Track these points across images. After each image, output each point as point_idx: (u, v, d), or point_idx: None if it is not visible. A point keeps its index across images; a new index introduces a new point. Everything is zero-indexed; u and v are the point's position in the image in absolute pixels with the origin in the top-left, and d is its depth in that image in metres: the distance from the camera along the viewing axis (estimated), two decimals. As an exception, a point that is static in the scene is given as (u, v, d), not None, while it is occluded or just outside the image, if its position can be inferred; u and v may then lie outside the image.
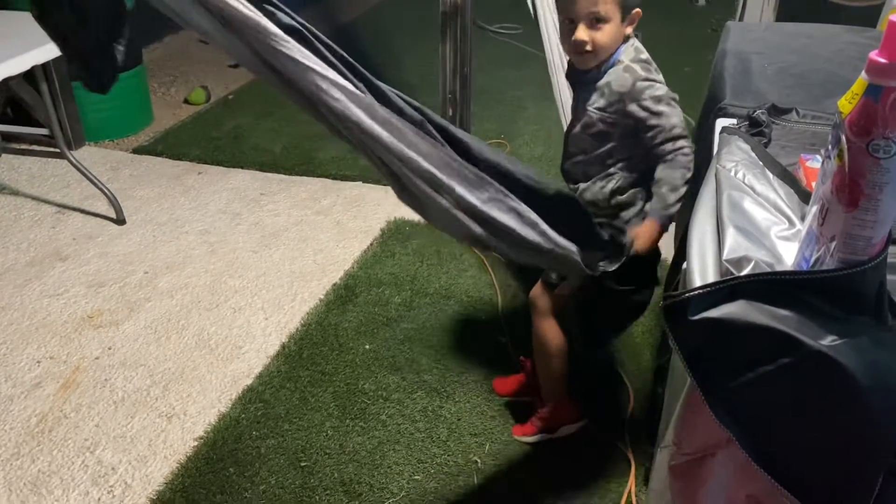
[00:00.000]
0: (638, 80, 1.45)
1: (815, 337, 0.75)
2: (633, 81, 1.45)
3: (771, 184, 1.07)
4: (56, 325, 2.21)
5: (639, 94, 1.45)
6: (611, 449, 1.80)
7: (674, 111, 1.46)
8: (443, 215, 1.26)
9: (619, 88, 1.47)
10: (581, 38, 1.45)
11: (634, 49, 1.50)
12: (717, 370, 0.78)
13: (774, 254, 0.93)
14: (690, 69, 4.18)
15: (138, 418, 1.89)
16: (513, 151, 3.27)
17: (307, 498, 1.68)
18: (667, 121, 1.45)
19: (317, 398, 1.94)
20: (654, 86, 1.45)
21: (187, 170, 3.12)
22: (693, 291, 0.78)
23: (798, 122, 1.33)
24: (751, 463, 0.77)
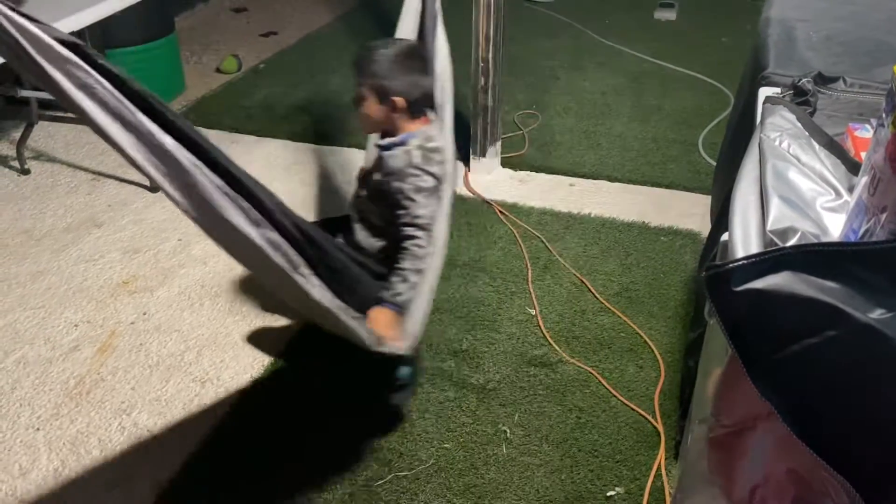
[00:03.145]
0: (409, 166, 1.63)
1: (863, 310, 0.73)
2: (405, 165, 1.63)
3: (817, 154, 1.04)
4: (92, 290, 2.25)
5: (405, 177, 1.62)
6: (641, 422, 1.79)
7: (426, 204, 1.62)
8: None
9: (394, 165, 1.65)
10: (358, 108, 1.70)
11: (425, 136, 1.67)
12: (759, 342, 0.76)
13: (820, 225, 0.91)
14: (728, 39, 4.09)
15: (173, 382, 1.92)
16: (545, 122, 3.23)
17: (338, 464, 1.70)
18: (415, 209, 1.61)
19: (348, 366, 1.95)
20: (421, 177, 1.62)
21: (220, 139, 3.13)
22: (737, 262, 0.76)
23: (845, 90, 1.29)
24: (792, 437, 0.75)
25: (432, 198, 1.64)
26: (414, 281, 1.62)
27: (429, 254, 1.63)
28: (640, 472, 1.68)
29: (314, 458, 1.71)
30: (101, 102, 1.07)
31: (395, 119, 1.68)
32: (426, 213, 1.62)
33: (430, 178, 1.63)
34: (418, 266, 1.61)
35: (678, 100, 3.43)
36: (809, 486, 0.78)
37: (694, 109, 3.33)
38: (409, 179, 1.62)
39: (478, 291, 2.22)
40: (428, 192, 1.63)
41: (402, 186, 1.62)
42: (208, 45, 4.18)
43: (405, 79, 1.65)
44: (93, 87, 1.05)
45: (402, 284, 1.61)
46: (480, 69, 2.66)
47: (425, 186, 1.62)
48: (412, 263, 1.61)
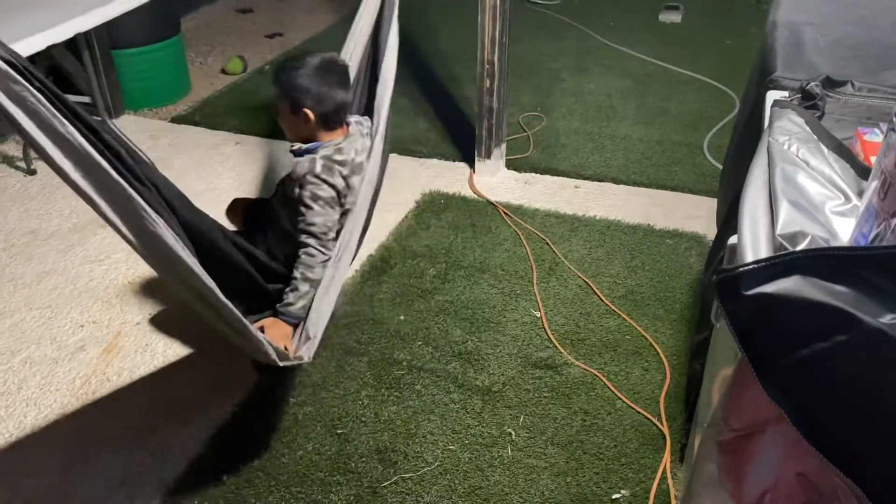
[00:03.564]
0: (310, 174, 1.66)
1: (873, 314, 0.73)
2: (306, 172, 1.67)
3: (826, 158, 1.04)
4: (98, 291, 2.25)
5: (304, 185, 1.66)
6: (646, 424, 1.79)
7: (323, 213, 1.66)
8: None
9: (299, 172, 1.68)
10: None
11: (335, 148, 1.70)
12: (769, 346, 0.76)
13: (829, 229, 0.91)
14: (733, 42, 4.09)
15: (179, 383, 1.93)
16: (549, 125, 3.23)
17: (343, 465, 1.70)
18: (310, 216, 1.66)
19: (352, 367, 1.96)
20: (320, 186, 1.66)
21: (225, 139, 3.14)
22: (747, 266, 0.76)
23: (854, 94, 1.29)
24: (802, 441, 0.76)
25: (331, 208, 1.68)
26: (304, 290, 1.65)
27: (322, 263, 1.66)
28: (645, 474, 1.68)
29: (319, 458, 1.71)
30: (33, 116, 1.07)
31: (309, 129, 1.71)
32: (321, 221, 1.66)
33: (329, 189, 1.67)
34: (308, 275, 1.65)
35: (683, 102, 3.43)
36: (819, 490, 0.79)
37: (699, 112, 3.33)
38: (308, 187, 1.66)
39: (482, 293, 2.22)
40: (325, 202, 1.67)
41: (302, 193, 1.67)
42: (214, 47, 4.19)
43: (317, 92, 1.68)
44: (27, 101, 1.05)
45: (293, 294, 1.65)
46: (485, 71, 2.66)
47: (322, 195, 1.66)
48: (303, 272, 1.65)
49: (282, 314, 1.67)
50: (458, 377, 1.93)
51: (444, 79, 3.63)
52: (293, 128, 1.75)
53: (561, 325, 2.09)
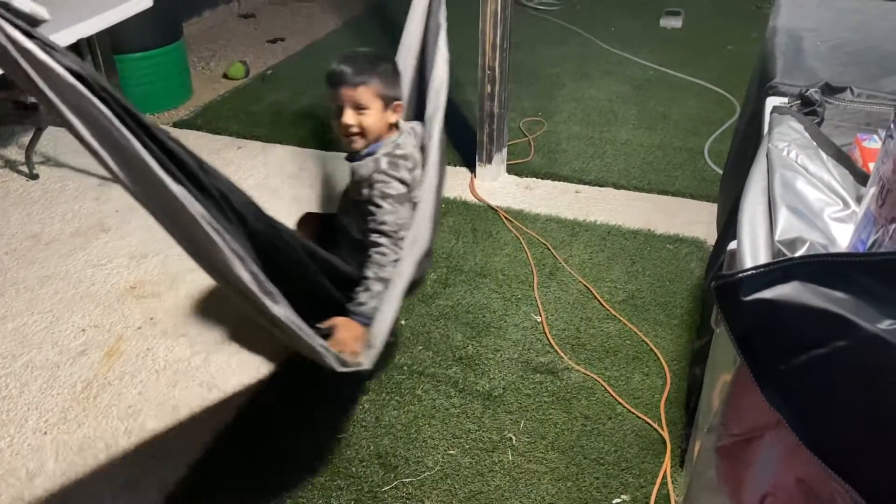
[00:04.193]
0: (376, 173, 1.63)
1: (871, 320, 0.74)
2: (372, 172, 1.64)
3: (825, 164, 1.05)
4: (100, 295, 2.26)
5: (373, 184, 1.63)
6: (647, 429, 1.79)
7: (393, 210, 1.62)
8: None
9: (365, 174, 1.66)
10: (346, 121, 1.65)
11: (394, 144, 1.68)
12: (768, 351, 0.77)
13: (828, 235, 0.91)
14: (733, 47, 4.10)
15: (180, 387, 1.93)
16: (550, 129, 3.24)
17: (343, 469, 1.70)
18: (381, 215, 1.62)
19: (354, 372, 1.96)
20: (389, 183, 1.63)
21: (226, 144, 3.15)
22: (746, 272, 0.77)
23: (853, 101, 1.30)
24: (801, 446, 0.76)
25: (401, 205, 1.63)
26: (377, 290, 1.59)
27: (393, 262, 1.61)
28: (645, 479, 1.68)
29: (319, 463, 1.71)
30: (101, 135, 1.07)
31: (389, 125, 1.67)
32: (392, 219, 1.62)
33: (398, 185, 1.63)
34: (381, 274, 1.60)
35: (684, 107, 3.43)
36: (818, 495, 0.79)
37: (700, 117, 3.33)
38: (377, 186, 1.62)
39: (483, 298, 2.22)
40: (395, 199, 1.62)
41: (371, 193, 1.63)
42: (216, 52, 4.20)
43: (397, 80, 1.66)
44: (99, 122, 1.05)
45: (365, 294, 1.59)
46: (486, 77, 2.67)
47: (392, 193, 1.62)
48: (375, 272, 1.60)
49: (354, 314, 1.59)
50: (459, 382, 1.93)
51: (445, 84, 3.64)
52: (378, 126, 1.67)
53: (561, 330, 2.09)
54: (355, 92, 1.62)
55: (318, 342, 1.41)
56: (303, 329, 1.36)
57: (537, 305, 2.18)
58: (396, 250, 1.62)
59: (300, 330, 1.35)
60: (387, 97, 1.65)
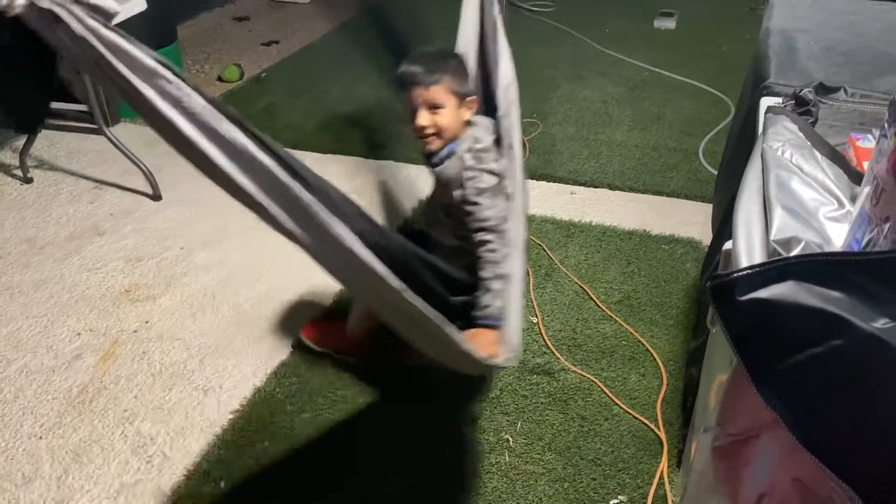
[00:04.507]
0: (465, 170, 1.58)
1: (867, 319, 0.74)
2: (459, 170, 1.58)
3: (819, 164, 1.05)
4: (95, 299, 2.25)
5: (464, 182, 1.58)
6: (643, 430, 1.79)
7: (492, 205, 1.56)
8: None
9: (452, 175, 1.60)
10: (421, 123, 1.59)
11: (472, 139, 1.61)
12: (764, 351, 0.77)
13: (823, 235, 0.92)
14: (727, 48, 4.11)
15: (175, 391, 1.92)
16: (545, 131, 3.24)
17: (341, 471, 1.70)
18: (480, 212, 1.56)
19: (350, 374, 1.96)
20: (479, 177, 1.57)
21: (221, 147, 3.14)
22: (742, 271, 0.77)
23: (846, 100, 1.30)
24: (797, 446, 0.76)
25: (497, 197, 1.57)
26: (498, 288, 1.52)
27: (506, 256, 1.54)
28: (642, 480, 1.68)
29: (314, 467, 1.71)
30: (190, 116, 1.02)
31: (463, 122, 1.60)
32: (493, 213, 1.55)
33: (489, 176, 1.57)
34: (498, 271, 1.53)
35: (678, 108, 3.44)
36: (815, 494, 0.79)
37: (694, 118, 3.34)
38: (468, 183, 1.56)
39: (480, 300, 2.22)
40: (490, 192, 1.56)
41: (463, 193, 1.57)
42: (210, 54, 4.20)
43: (467, 75, 1.61)
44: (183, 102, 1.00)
45: (488, 295, 1.53)
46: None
47: (486, 186, 1.56)
48: (492, 270, 1.53)
49: (482, 319, 1.53)
50: (457, 383, 1.92)
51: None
52: (454, 124, 1.60)
53: (557, 331, 2.09)
54: (428, 91, 1.57)
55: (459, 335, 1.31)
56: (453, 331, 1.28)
57: (533, 306, 2.18)
58: (505, 244, 1.55)
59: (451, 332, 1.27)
60: (460, 93, 1.59)
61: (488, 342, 1.46)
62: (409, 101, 1.60)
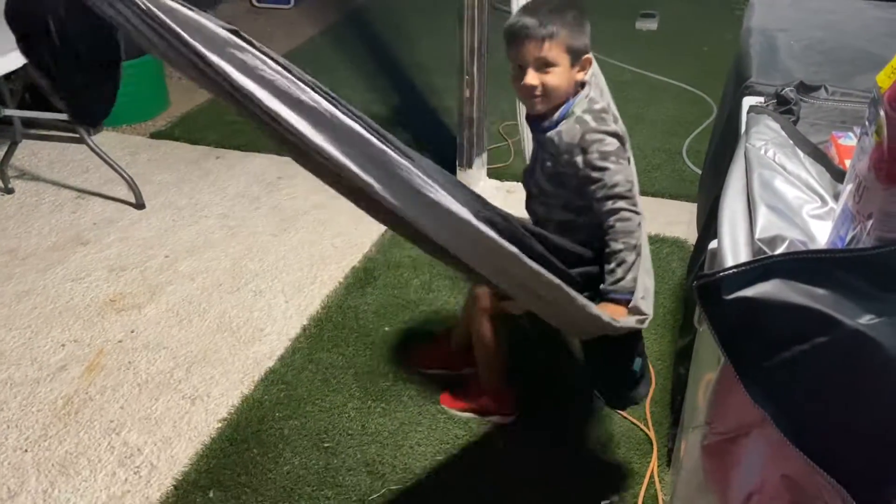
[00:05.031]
0: (587, 133, 1.43)
1: (851, 316, 0.74)
2: (582, 133, 1.43)
3: (802, 162, 1.06)
4: (79, 309, 2.23)
5: (587, 147, 1.43)
6: (633, 429, 1.80)
7: (620, 168, 1.42)
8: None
9: (570, 140, 1.45)
10: (530, 82, 1.43)
11: (588, 100, 1.47)
12: (751, 349, 0.77)
13: (807, 232, 0.92)
14: (709, 48, 4.14)
15: (162, 400, 1.91)
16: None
17: (331, 478, 1.69)
18: (610, 177, 1.41)
19: (338, 380, 1.95)
20: (604, 140, 1.42)
21: (205, 154, 3.13)
22: (727, 271, 0.77)
23: (827, 99, 1.31)
24: (786, 443, 0.76)
25: (622, 160, 1.44)
26: (632, 260, 1.41)
27: (637, 224, 1.43)
28: (633, 480, 1.68)
29: (306, 473, 1.70)
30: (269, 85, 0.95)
31: (576, 83, 1.46)
32: (622, 178, 1.42)
33: (613, 139, 1.43)
34: (631, 241, 1.41)
35: (661, 109, 3.46)
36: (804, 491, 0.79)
37: (677, 118, 3.36)
38: (592, 147, 1.41)
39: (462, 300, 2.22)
40: (616, 156, 1.42)
41: (587, 158, 1.42)
42: (192, 61, 4.17)
43: (585, 30, 1.45)
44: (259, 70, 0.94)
45: (620, 268, 1.41)
46: (465, 81, 2.67)
47: (611, 150, 1.42)
48: (625, 241, 1.41)
49: (611, 293, 1.42)
50: (446, 387, 1.92)
51: (424, 89, 3.64)
52: (565, 85, 1.45)
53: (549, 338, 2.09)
54: (541, 48, 1.41)
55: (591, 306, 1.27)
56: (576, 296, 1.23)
57: (521, 309, 2.18)
58: (638, 211, 1.44)
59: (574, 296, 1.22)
60: (575, 50, 1.43)
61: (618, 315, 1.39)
62: (518, 56, 1.44)
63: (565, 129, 1.46)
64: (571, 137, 1.44)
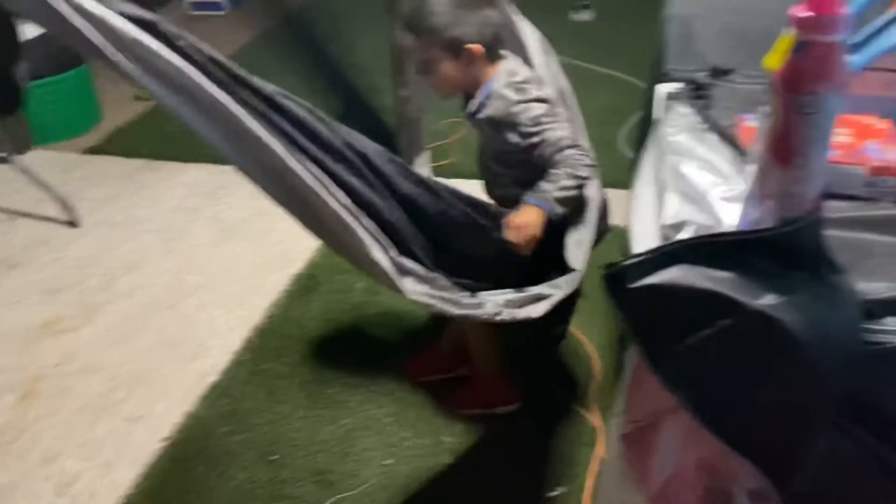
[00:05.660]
0: (510, 107, 1.43)
1: (754, 296, 0.75)
2: (506, 110, 1.43)
3: (712, 146, 1.07)
4: (12, 335, 2.16)
5: (515, 120, 1.43)
6: (579, 419, 1.81)
7: (556, 125, 1.40)
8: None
9: (498, 118, 1.45)
10: (429, 84, 1.50)
11: (507, 73, 1.47)
12: (659, 336, 0.78)
13: (715, 216, 0.93)
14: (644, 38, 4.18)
15: (102, 424, 1.86)
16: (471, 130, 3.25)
17: (279, 491, 1.66)
18: (550, 134, 1.39)
19: (284, 390, 1.92)
20: (529, 108, 1.41)
21: (141, 167, 3.06)
22: (631, 259, 0.77)
23: (740, 82, 1.33)
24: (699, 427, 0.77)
25: (556, 119, 1.41)
26: (564, 184, 1.36)
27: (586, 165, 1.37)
28: (580, 469, 1.69)
29: (253, 487, 1.67)
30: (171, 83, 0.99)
31: (475, 71, 1.46)
32: (560, 133, 1.38)
33: (538, 104, 1.41)
34: (574, 172, 1.36)
35: (598, 98, 3.48)
36: (719, 472, 0.80)
37: (614, 107, 3.39)
38: (520, 118, 1.41)
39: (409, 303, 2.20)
40: (546, 116, 1.40)
41: (520, 131, 1.41)
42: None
43: (474, 20, 1.42)
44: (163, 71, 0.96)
45: (549, 184, 1.37)
46: (400, 81, 2.66)
47: (539, 112, 1.40)
48: (567, 170, 1.36)
49: (531, 199, 1.38)
50: (393, 390, 1.91)
51: (364, 90, 3.61)
52: (456, 79, 1.46)
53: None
54: (419, 48, 1.44)
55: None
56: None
57: (466, 306, 2.18)
58: (587, 156, 1.39)
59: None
60: (451, 45, 1.42)
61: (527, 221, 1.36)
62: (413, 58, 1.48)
63: (491, 109, 1.47)
64: (498, 116, 1.45)
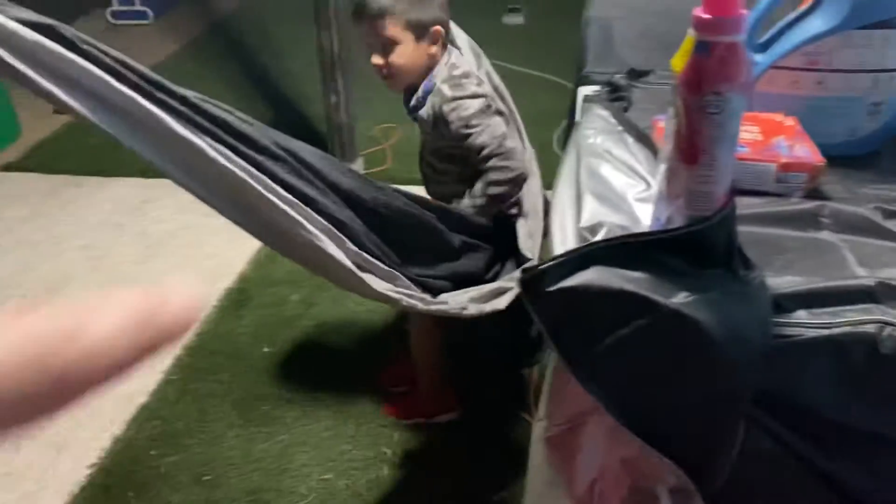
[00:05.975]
0: (444, 104, 1.43)
1: (667, 295, 0.76)
2: (440, 106, 1.43)
3: (628, 148, 1.08)
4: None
5: (448, 118, 1.43)
6: (520, 422, 1.81)
7: (483, 128, 1.41)
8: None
9: (435, 114, 1.45)
10: (375, 62, 1.45)
11: (448, 67, 1.46)
12: (577, 338, 0.77)
13: (632, 217, 0.94)
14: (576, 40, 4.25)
15: (23, 453, 1.77)
16: (406, 134, 3.24)
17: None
18: (476, 139, 1.41)
19: (216, 409, 1.87)
20: (461, 105, 1.41)
21: (63, 183, 2.95)
22: (547, 263, 0.77)
23: (658, 83, 1.35)
24: (620, 427, 0.77)
25: (488, 118, 1.42)
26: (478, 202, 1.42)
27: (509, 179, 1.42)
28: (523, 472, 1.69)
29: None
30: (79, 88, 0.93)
31: (431, 57, 1.44)
32: (488, 136, 1.40)
33: (472, 101, 1.41)
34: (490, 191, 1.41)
35: (531, 101, 3.49)
36: (643, 472, 0.81)
37: (547, 110, 3.41)
38: (452, 116, 1.41)
39: (350, 313, 2.18)
40: (477, 117, 1.41)
41: (451, 130, 1.42)
42: (45, 86, 3.92)
43: (436, 2, 1.42)
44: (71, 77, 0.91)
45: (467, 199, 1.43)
46: (330, 88, 2.63)
47: (470, 112, 1.40)
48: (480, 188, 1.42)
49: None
50: (331, 403, 1.88)
51: (294, 98, 3.56)
52: (413, 62, 1.43)
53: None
54: (379, 27, 1.40)
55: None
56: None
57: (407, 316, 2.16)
58: (512, 164, 1.41)
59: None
60: (419, 24, 1.40)
61: None
62: (364, 36, 1.43)
63: (428, 106, 1.46)
64: (434, 112, 1.45)
